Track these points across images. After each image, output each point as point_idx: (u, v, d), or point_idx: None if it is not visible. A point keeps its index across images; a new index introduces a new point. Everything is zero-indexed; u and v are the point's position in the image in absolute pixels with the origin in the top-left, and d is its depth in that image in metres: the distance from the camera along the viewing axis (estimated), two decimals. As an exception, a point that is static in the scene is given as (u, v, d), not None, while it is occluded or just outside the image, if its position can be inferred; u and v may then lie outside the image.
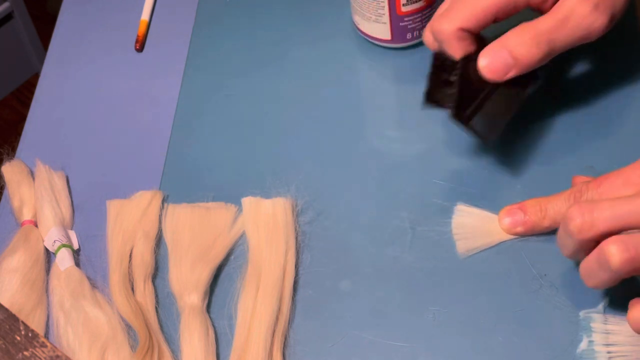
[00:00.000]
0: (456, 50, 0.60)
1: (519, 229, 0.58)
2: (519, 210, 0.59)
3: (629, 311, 0.51)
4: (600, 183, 0.56)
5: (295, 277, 0.58)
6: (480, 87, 0.59)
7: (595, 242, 0.51)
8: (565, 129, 0.64)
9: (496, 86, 0.60)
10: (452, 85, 0.59)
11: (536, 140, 0.64)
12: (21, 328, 0.53)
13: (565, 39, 0.59)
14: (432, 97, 0.60)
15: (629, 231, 0.50)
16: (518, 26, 0.59)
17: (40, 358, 0.52)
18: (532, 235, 0.58)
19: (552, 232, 0.58)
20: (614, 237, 0.50)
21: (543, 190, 0.59)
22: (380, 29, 0.69)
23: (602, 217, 0.50)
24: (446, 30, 0.59)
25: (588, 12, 0.58)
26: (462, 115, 0.59)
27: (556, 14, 0.58)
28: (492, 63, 0.58)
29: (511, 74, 0.58)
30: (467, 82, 0.59)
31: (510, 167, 0.62)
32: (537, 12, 0.61)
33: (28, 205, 0.64)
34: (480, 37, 0.61)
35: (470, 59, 0.59)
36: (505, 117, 0.62)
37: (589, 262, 0.52)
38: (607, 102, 0.65)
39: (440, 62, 0.60)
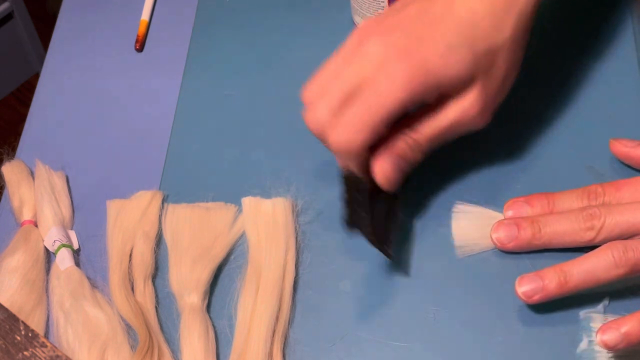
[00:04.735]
0: (360, 168, 0.56)
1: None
2: (525, 203, 0.58)
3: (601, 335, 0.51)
4: (619, 187, 0.56)
5: (295, 277, 0.58)
6: (374, 202, 0.56)
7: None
8: (565, 129, 0.64)
9: (382, 198, 0.57)
10: (363, 206, 0.56)
11: (536, 141, 0.64)
12: (21, 328, 0.53)
13: (447, 138, 0.58)
14: (352, 221, 0.56)
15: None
16: (403, 133, 0.56)
17: (40, 358, 0.52)
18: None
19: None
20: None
21: (543, 191, 0.59)
22: (380, 29, 0.69)
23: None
24: (349, 148, 0.54)
25: (473, 116, 0.57)
26: (377, 240, 0.56)
27: (442, 119, 0.57)
28: (389, 172, 0.55)
29: (404, 177, 0.57)
30: (370, 201, 0.56)
31: (510, 167, 0.62)
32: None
33: (28, 205, 0.64)
34: None
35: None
36: (393, 229, 0.59)
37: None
38: (607, 102, 0.65)
39: (352, 182, 0.56)
